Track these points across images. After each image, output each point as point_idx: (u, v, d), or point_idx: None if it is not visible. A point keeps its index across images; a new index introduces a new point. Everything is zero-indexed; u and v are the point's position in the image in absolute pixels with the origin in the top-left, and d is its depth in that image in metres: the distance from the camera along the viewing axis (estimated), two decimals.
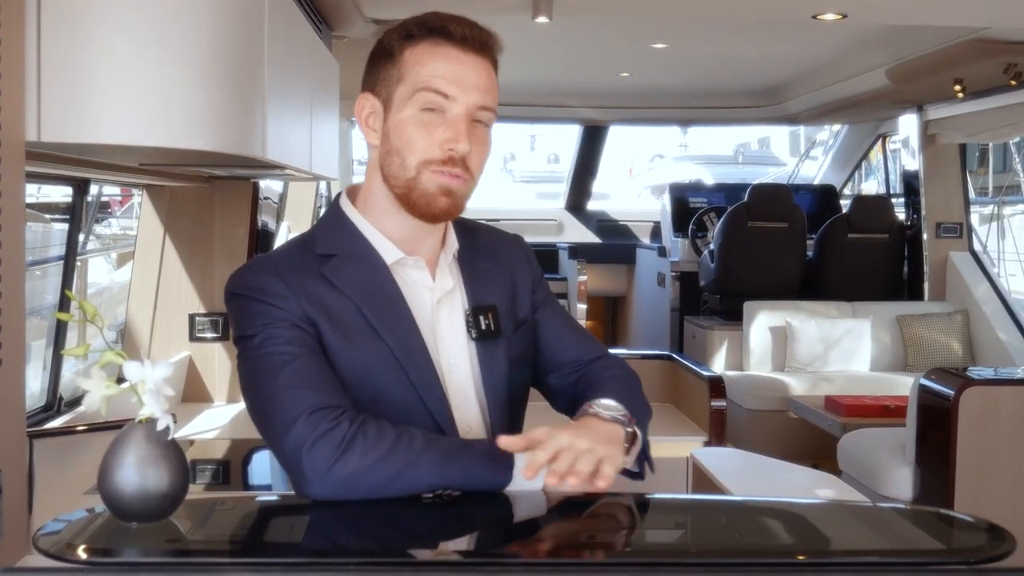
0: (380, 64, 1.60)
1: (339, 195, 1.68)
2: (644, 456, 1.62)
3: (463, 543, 1.44)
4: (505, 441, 1.44)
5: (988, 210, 9.00)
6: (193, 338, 4.01)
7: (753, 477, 2.79)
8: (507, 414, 1.66)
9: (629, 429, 1.55)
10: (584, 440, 1.45)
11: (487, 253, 1.73)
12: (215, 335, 4.02)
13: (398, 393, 1.55)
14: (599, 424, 1.52)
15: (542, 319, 1.76)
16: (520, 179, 20.12)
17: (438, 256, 1.65)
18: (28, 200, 1.79)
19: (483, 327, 1.63)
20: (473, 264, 1.69)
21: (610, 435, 1.51)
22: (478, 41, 1.58)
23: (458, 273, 1.67)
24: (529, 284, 1.76)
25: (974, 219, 7.52)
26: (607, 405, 1.57)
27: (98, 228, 7.91)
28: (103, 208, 8.68)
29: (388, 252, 1.61)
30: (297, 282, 1.54)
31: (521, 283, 1.74)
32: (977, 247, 7.08)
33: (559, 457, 1.42)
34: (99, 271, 7.06)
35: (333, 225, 1.64)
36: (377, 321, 1.55)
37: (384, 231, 1.61)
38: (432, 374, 1.57)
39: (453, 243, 1.68)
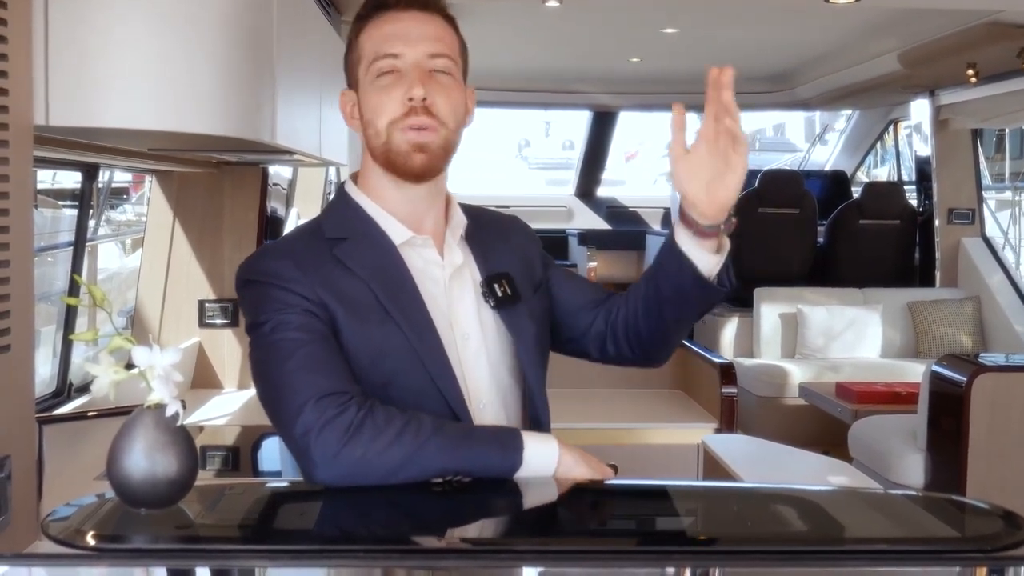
0: (346, 59, 1.68)
1: (344, 182, 1.70)
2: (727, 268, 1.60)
3: (473, 530, 1.43)
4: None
5: (1006, 196, 8.94)
6: (203, 324, 4.01)
7: (764, 464, 2.79)
8: (540, 373, 1.69)
9: (724, 226, 1.55)
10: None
11: (494, 231, 1.76)
12: (224, 321, 4.02)
13: (411, 376, 1.55)
14: None
15: (555, 277, 1.80)
16: (536, 166, 20.04)
17: (444, 233, 1.67)
18: (41, 186, 1.79)
19: (499, 294, 1.65)
20: (482, 240, 1.71)
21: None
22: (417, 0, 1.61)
23: (467, 249, 1.69)
24: (538, 255, 1.80)
25: (992, 205, 7.48)
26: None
27: (112, 213, 7.91)
28: (118, 194, 8.67)
29: (396, 232, 1.62)
30: (310, 265, 1.54)
31: (532, 256, 1.78)
32: (997, 234, 7.03)
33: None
34: (110, 256, 7.06)
35: (341, 209, 1.66)
36: (390, 304, 1.55)
37: (388, 209, 1.63)
38: (443, 357, 1.57)
39: (461, 221, 1.70)
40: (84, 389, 3.41)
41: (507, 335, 1.66)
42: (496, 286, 1.66)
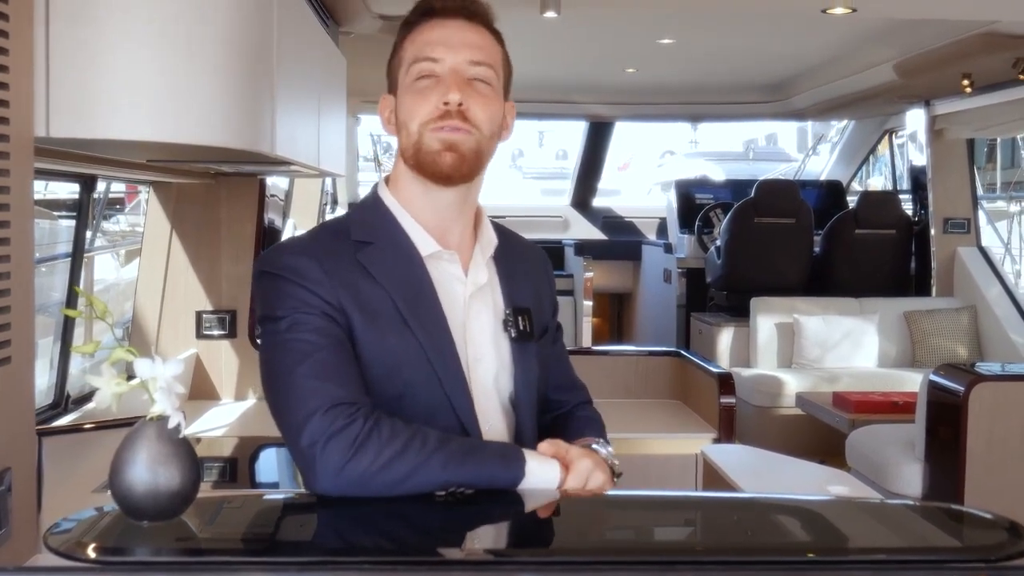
0: (389, 63, 1.66)
1: (377, 183, 1.69)
2: None
3: (476, 541, 1.43)
4: (542, 447, 1.52)
5: (998, 206, 8.96)
6: (200, 335, 4.01)
7: (764, 474, 2.79)
8: (537, 414, 1.69)
9: (615, 479, 1.63)
10: (600, 471, 1.53)
11: (519, 259, 1.75)
12: (222, 332, 4.02)
13: (426, 389, 1.55)
14: (599, 458, 1.59)
15: (554, 349, 1.80)
16: (530, 176, 20.06)
17: (471, 250, 1.66)
18: (35, 196, 1.79)
19: (521, 328, 1.65)
20: (509, 265, 1.70)
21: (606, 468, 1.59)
22: (464, 9, 1.61)
23: (494, 271, 1.68)
24: (549, 303, 1.79)
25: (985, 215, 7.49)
26: (608, 450, 1.67)
27: (105, 224, 7.89)
28: (112, 204, 8.65)
29: (423, 243, 1.61)
30: (333, 268, 1.53)
31: (544, 296, 1.77)
32: (992, 243, 7.04)
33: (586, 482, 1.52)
34: (105, 268, 7.05)
35: (370, 211, 1.64)
36: (410, 315, 1.54)
37: (416, 216, 1.62)
38: (460, 373, 1.57)
39: (492, 240, 1.69)
40: (81, 401, 3.40)
41: (513, 368, 1.65)
42: (520, 318, 1.65)
